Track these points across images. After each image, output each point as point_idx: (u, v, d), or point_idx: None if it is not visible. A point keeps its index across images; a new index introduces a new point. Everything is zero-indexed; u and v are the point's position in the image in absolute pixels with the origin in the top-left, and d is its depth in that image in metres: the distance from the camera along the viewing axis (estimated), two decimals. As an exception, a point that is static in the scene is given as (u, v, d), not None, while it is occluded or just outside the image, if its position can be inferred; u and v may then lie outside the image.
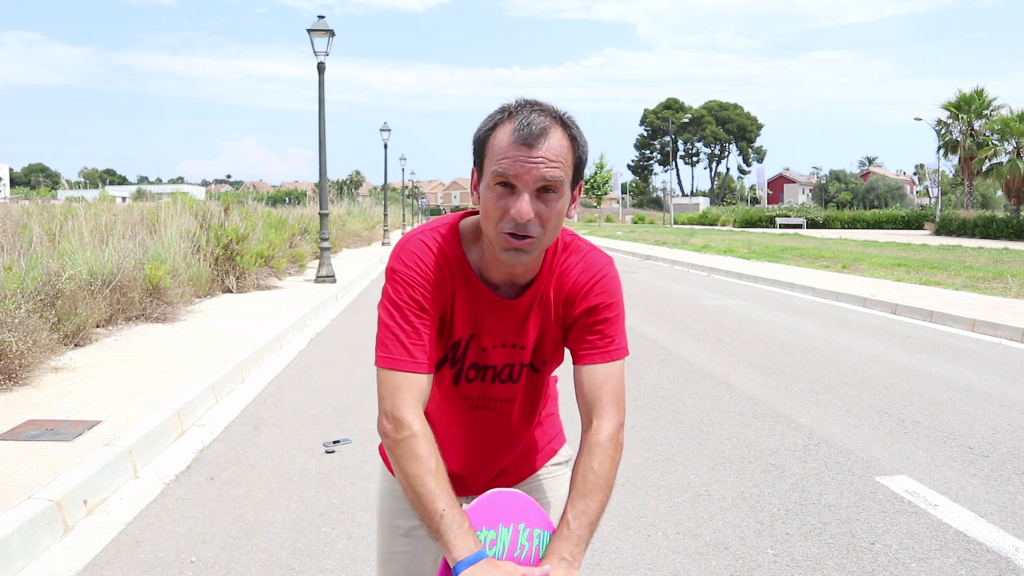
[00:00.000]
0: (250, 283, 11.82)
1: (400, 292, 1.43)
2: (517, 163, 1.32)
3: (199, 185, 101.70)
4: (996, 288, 12.28)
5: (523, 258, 1.37)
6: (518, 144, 1.32)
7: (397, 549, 1.67)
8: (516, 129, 1.33)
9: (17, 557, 3.02)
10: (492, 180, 1.34)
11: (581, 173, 1.43)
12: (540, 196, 1.34)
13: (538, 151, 1.32)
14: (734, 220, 56.45)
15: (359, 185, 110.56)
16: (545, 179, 1.32)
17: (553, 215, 1.35)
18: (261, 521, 3.52)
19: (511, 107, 1.37)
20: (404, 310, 1.43)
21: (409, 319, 1.42)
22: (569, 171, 1.37)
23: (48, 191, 26.00)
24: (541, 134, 1.32)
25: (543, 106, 1.37)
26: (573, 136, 1.38)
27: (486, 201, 1.36)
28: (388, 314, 1.44)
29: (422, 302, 1.43)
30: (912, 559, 3.13)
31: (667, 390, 5.97)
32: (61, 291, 6.77)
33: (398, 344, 1.42)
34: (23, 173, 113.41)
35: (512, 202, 1.33)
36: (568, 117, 1.39)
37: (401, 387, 1.40)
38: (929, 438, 4.74)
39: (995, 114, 37.39)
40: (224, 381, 5.84)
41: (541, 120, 1.34)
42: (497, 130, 1.36)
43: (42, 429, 4.35)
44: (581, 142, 1.40)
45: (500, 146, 1.34)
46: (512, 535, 1.41)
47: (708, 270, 17.66)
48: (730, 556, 3.16)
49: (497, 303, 1.49)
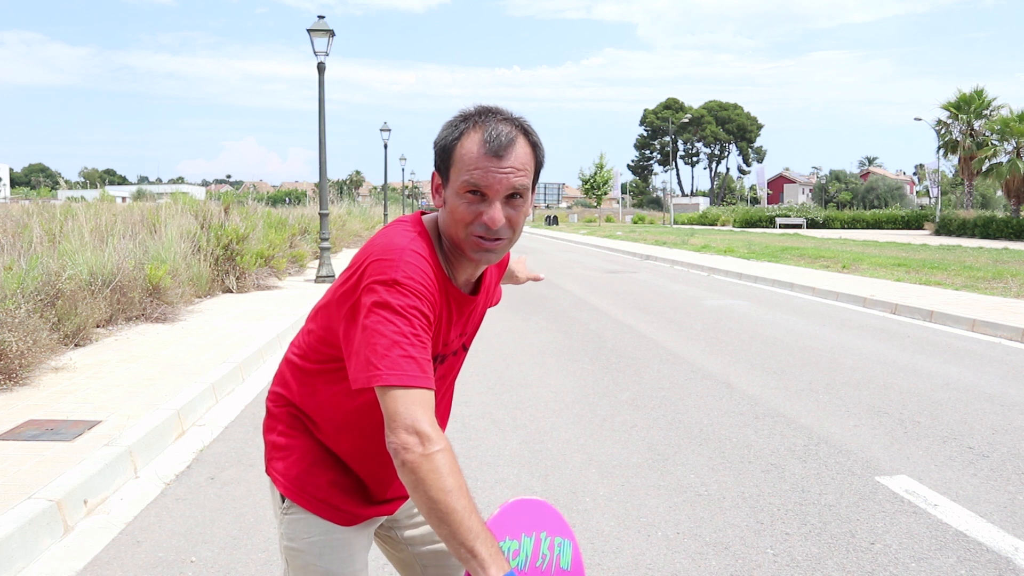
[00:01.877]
0: (250, 283, 11.81)
1: (406, 305, 1.35)
2: (489, 174, 1.39)
3: (199, 185, 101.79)
4: (996, 288, 12.28)
5: (493, 257, 1.46)
6: (488, 155, 1.39)
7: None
8: (485, 141, 1.39)
9: (17, 557, 3.03)
10: (463, 188, 1.40)
11: (539, 175, 1.52)
12: (508, 202, 1.42)
13: (507, 161, 1.39)
14: (734, 220, 56.43)
15: (359, 185, 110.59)
16: (514, 187, 1.41)
17: (521, 217, 1.45)
18: (261, 521, 3.52)
19: (474, 116, 1.44)
20: (414, 324, 1.35)
21: (419, 334, 1.35)
22: (532, 176, 1.46)
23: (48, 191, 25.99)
24: (509, 144, 1.40)
25: (504, 114, 1.45)
26: (534, 143, 1.46)
27: (455, 207, 1.42)
28: (394, 328, 1.33)
29: (430, 316, 1.39)
30: (912, 559, 3.13)
31: (667, 390, 5.97)
32: (61, 291, 6.77)
33: (410, 360, 1.32)
34: (23, 173, 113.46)
35: (483, 209, 1.40)
36: (528, 124, 1.47)
37: (419, 403, 1.30)
38: (929, 438, 4.75)
39: (995, 114, 37.39)
40: (224, 381, 5.84)
41: (508, 131, 1.41)
42: (463, 139, 1.41)
43: (42, 429, 4.35)
44: (540, 147, 1.48)
45: (469, 156, 1.40)
46: (534, 544, 1.41)
47: (708, 270, 17.66)
48: (730, 556, 3.16)
49: (467, 302, 1.55)
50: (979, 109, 37.96)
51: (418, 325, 1.35)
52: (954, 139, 38.97)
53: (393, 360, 1.31)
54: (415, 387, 1.30)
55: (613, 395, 5.82)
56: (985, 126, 37.55)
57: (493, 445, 4.59)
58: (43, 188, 29.62)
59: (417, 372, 1.31)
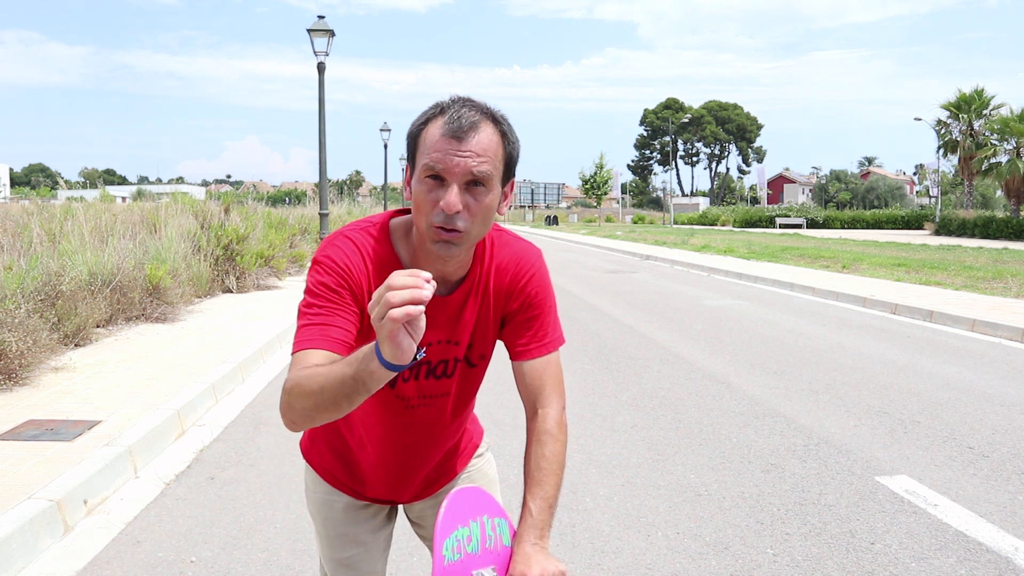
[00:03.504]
0: (250, 283, 11.81)
1: (315, 280, 1.40)
2: (447, 156, 1.33)
3: (199, 185, 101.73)
4: (996, 288, 12.28)
5: (452, 250, 1.38)
6: (447, 137, 1.34)
7: (349, 553, 1.67)
8: (446, 123, 1.35)
9: (17, 557, 3.02)
10: (423, 173, 1.36)
11: (512, 170, 1.45)
12: (469, 189, 1.36)
13: (467, 145, 1.34)
14: (734, 220, 56.41)
15: (359, 185, 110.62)
16: (473, 173, 1.34)
17: (481, 209, 1.37)
18: (261, 521, 3.52)
19: (444, 103, 1.40)
20: (320, 296, 1.39)
21: (325, 306, 1.38)
22: (499, 166, 1.39)
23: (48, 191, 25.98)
24: (471, 128, 1.35)
25: (475, 103, 1.40)
26: (503, 132, 1.40)
27: (417, 194, 1.38)
28: (305, 304, 1.40)
29: (338, 290, 1.40)
30: (912, 559, 3.13)
31: (667, 390, 5.97)
32: (61, 291, 6.77)
33: (309, 327, 1.37)
34: (23, 173, 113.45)
35: (441, 194, 1.35)
36: (500, 114, 1.41)
37: (302, 361, 1.32)
38: (929, 438, 4.74)
39: (995, 114, 37.36)
40: (224, 381, 5.84)
41: (471, 115, 1.36)
42: (429, 125, 1.38)
43: (42, 429, 4.34)
44: (512, 138, 1.42)
45: (431, 140, 1.36)
46: (480, 528, 1.45)
47: (708, 270, 17.66)
48: (730, 556, 3.16)
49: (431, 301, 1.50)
50: (979, 109, 37.94)
51: (325, 297, 1.39)
52: (954, 139, 38.95)
53: (297, 333, 1.37)
54: (309, 349, 1.33)
55: (613, 395, 5.82)
56: (985, 126, 37.53)
57: (493, 445, 4.59)
58: (43, 188, 29.61)
59: (317, 336, 1.34)
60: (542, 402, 1.55)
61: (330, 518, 1.68)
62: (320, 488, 1.70)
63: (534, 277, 1.57)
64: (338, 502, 1.68)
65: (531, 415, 1.56)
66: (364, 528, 1.68)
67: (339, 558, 1.68)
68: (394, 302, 1.07)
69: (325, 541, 1.70)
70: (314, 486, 1.71)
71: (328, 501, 1.68)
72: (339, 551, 1.68)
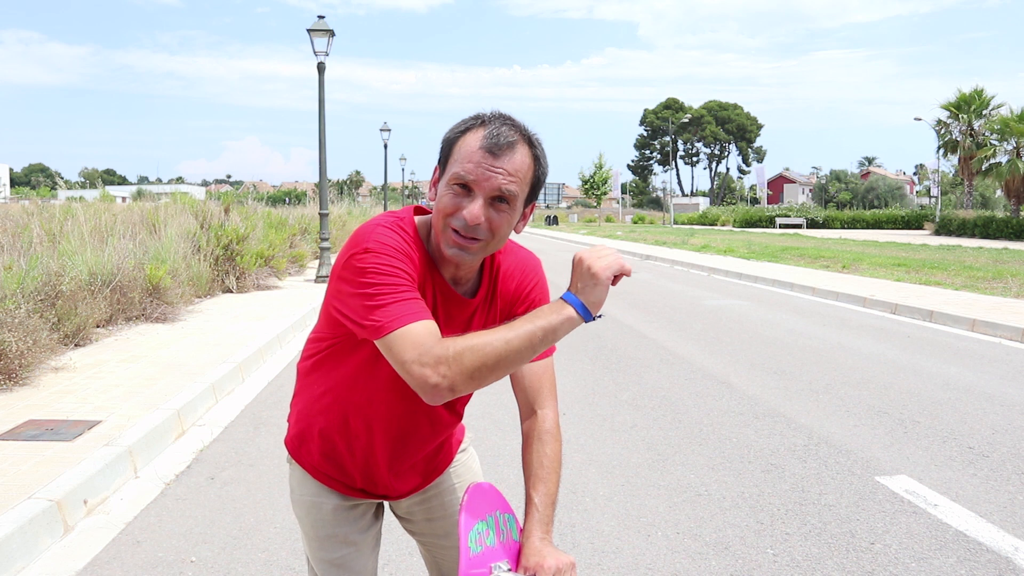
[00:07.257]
0: (250, 283, 11.81)
1: (378, 262, 1.37)
2: (479, 168, 1.37)
3: (199, 185, 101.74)
4: (996, 288, 12.28)
5: (464, 256, 1.42)
6: (483, 151, 1.38)
7: (340, 553, 1.68)
8: (485, 137, 1.38)
9: (17, 557, 3.03)
10: (452, 180, 1.39)
11: (537, 193, 1.48)
12: (493, 204, 1.40)
13: (500, 162, 1.38)
14: (734, 220, 56.41)
15: (359, 185, 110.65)
16: (501, 190, 1.38)
17: (503, 224, 1.41)
18: (261, 521, 3.52)
19: (485, 116, 1.43)
20: (391, 276, 1.36)
21: (401, 283, 1.37)
22: (526, 188, 1.43)
23: (48, 191, 26.00)
24: (507, 146, 1.38)
25: (515, 122, 1.43)
26: (536, 156, 1.43)
27: (442, 196, 1.41)
28: (372, 285, 1.36)
29: (407, 270, 1.39)
30: (912, 559, 3.13)
31: (667, 390, 5.97)
32: (61, 291, 6.77)
33: (400, 303, 1.34)
34: (23, 173, 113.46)
35: (466, 203, 1.38)
36: (536, 138, 1.44)
37: (422, 333, 1.32)
38: (929, 438, 4.74)
39: (995, 114, 37.36)
40: (224, 381, 5.84)
41: (510, 134, 1.39)
42: (467, 135, 1.41)
43: (42, 429, 4.35)
44: (543, 163, 1.46)
45: (467, 150, 1.39)
46: (495, 523, 1.50)
47: (708, 270, 17.66)
48: (730, 556, 3.16)
49: (454, 299, 1.53)
50: (979, 109, 37.94)
51: (399, 277, 1.37)
52: (954, 139, 38.95)
53: (374, 310, 1.34)
54: (412, 323, 1.33)
55: (613, 395, 5.82)
56: (985, 126, 37.53)
57: (493, 445, 4.60)
58: (43, 188, 29.62)
59: (412, 310, 1.34)
60: (540, 403, 1.62)
61: (319, 519, 1.69)
62: (308, 490, 1.70)
63: (538, 284, 1.63)
64: (327, 503, 1.68)
65: (527, 415, 1.62)
66: (354, 528, 1.70)
67: (330, 559, 1.68)
68: (622, 260, 1.28)
69: (315, 543, 1.71)
70: (301, 488, 1.71)
71: (316, 503, 1.69)
72: (330, 552, 1.69)
